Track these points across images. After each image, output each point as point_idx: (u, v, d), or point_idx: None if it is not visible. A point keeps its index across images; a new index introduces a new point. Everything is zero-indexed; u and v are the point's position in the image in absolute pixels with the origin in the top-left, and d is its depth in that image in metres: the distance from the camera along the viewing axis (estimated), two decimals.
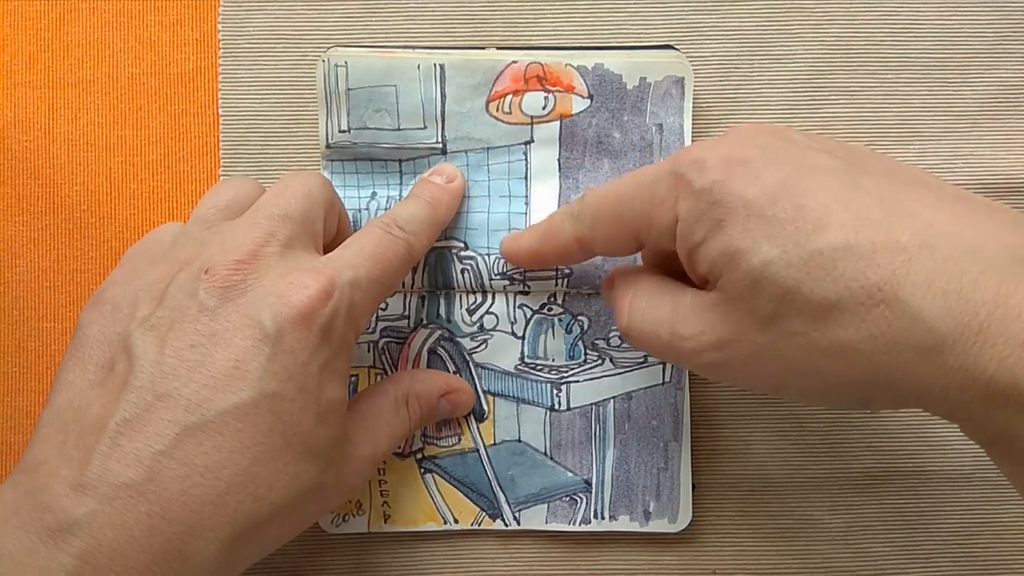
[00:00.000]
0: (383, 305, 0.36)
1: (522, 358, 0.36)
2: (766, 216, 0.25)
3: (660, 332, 0.28)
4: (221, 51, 0.37)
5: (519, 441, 0.36)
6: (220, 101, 0.37)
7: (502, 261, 0.36)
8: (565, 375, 0.36)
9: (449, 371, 0.36)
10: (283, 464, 0.27)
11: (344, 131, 0.36)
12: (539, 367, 0.36)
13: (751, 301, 0.25)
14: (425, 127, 0.36)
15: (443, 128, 0.36)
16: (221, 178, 0.37)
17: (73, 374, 0.28)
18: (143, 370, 0.27)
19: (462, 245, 0.36)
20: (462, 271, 0.36)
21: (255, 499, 0.26)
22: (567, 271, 0.36)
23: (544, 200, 0.36)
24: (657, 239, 0.28)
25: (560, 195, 0.36)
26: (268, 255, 0.29)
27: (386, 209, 0.36)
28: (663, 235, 0.28)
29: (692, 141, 0.36)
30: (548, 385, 0.36)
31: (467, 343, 0.36)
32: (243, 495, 0.26)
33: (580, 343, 0.36)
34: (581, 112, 0.36)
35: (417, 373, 0.36)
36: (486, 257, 0.36)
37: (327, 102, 0.36)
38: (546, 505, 0.36)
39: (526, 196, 0.36)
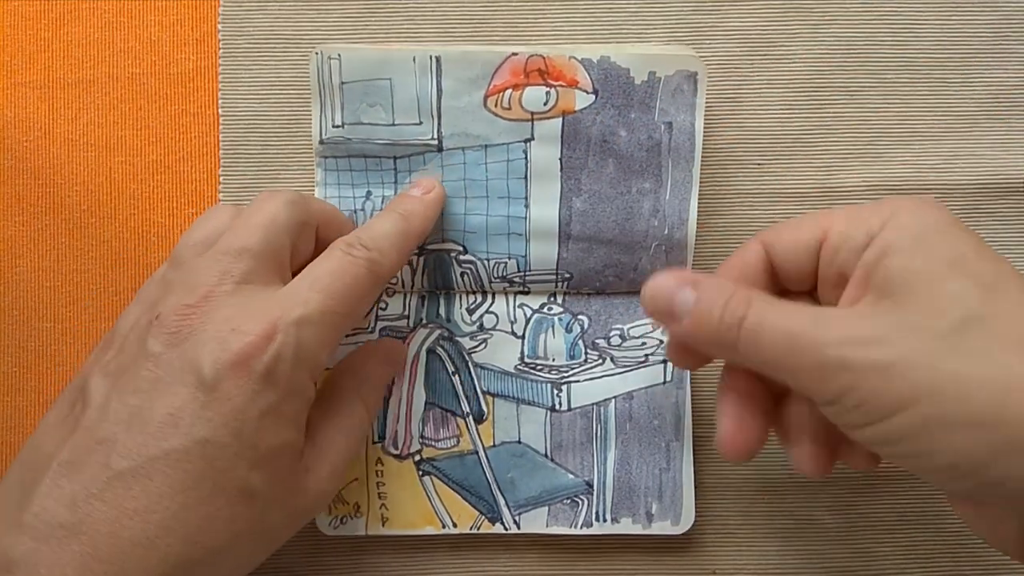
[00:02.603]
0: (383, 305, 0.36)
1: (522, 358, 0.36)
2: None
3: (795, 327, 0.26)
4: (221, 51, 0.37)
5: (519, 442, 0.36)
6: (220, 101, 0.37)
7: (502, 265, 0.36)
8: (565, 375, 0.36)
9: (448, 371, 0.36)
10: (215, 508, 0.27)
11: (338, 126, 0.35)
12: (539, 367, 0.36)
13: (932, 303, 0.26)
14: (421, 122, 0.35)
15: (439, 124, 0.35)
16: (221, 178, 0.37)
17: (51, 412, 0.30)
18: (90, 414, 0.28)
19: (460, 248, 0.36)
20: (461, 274, 0.36)
21: (186, 542, 0.27)
22: (567, 274, 0.36)
23: (545, 202, 0.35)
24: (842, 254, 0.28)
25: (561, 197, 0.35)
26: (220, 295, 0.29)
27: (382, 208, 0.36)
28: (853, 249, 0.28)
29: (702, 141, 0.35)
30: (548, 385, 0.36)
31: (467, 343, 0.36)
32: (172, 538, 0.27)
33: (580, 343, 0.36)
34: (585, 108, 0.35)
35: (359, 371, 0.35)
36: (485, 262, 0.36)
37: (320, 96, 0.35)
38: (547, 508, 0.36)
39: (526, 198, 0.35)
